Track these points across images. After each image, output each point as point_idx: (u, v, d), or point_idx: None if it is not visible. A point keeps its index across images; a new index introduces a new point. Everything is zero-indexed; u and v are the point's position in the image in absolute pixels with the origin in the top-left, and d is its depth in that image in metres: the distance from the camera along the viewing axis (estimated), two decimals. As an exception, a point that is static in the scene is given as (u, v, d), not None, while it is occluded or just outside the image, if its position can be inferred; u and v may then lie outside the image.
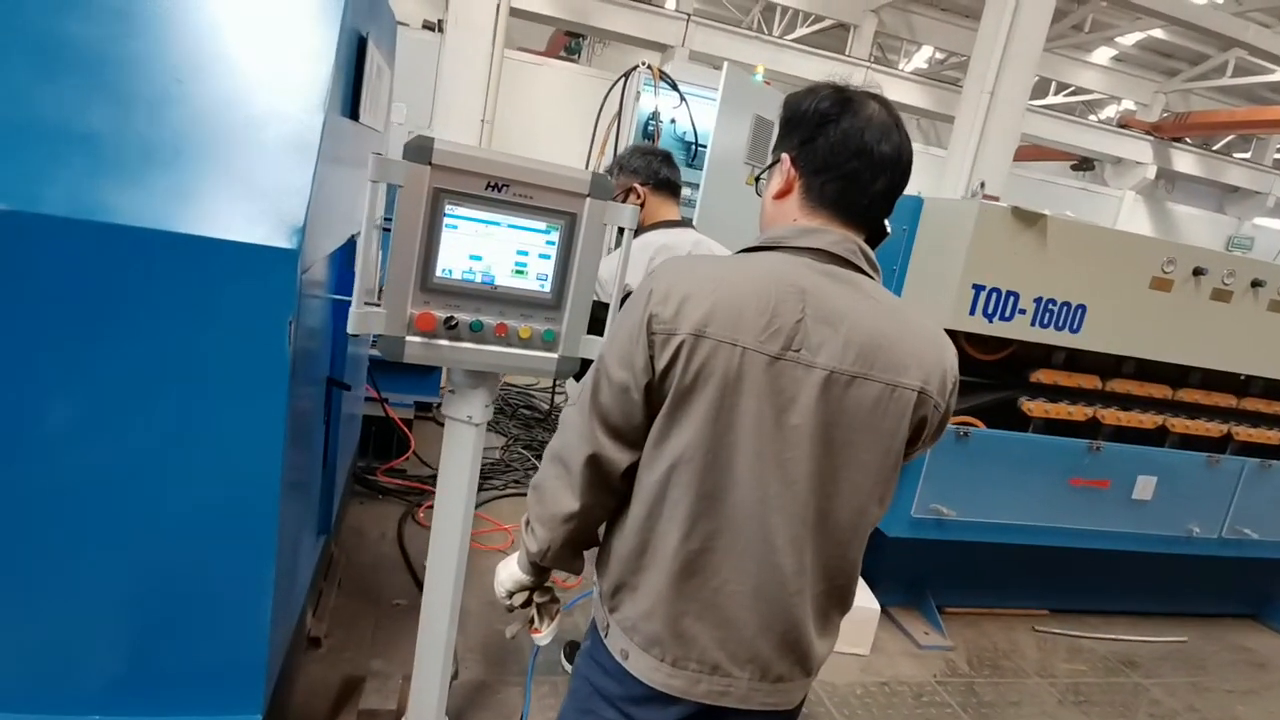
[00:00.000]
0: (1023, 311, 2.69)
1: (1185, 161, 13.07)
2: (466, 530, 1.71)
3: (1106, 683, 2.99)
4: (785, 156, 1.07)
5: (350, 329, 1.43)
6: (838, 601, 1.12)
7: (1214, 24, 8.84)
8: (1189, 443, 3.14)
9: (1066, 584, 3.42)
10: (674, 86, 4.31)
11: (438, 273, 1.47)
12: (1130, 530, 3.09)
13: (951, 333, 2.69)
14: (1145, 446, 3.04)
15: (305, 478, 1.95)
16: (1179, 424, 3.10)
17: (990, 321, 2.67)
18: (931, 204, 2.82)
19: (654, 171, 2.04)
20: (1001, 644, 3.14)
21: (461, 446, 1.65)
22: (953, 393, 1.10)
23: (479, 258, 1.50)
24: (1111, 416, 3.00)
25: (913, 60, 14.56)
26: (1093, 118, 14.46)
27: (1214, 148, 14.14)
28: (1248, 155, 14.63)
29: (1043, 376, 2.93)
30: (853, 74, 1.07)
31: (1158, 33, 11.57)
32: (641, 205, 2.03)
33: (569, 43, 12.37)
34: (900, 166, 1.04)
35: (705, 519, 1.02)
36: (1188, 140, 13.09)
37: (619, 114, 4.17)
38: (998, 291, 2.65)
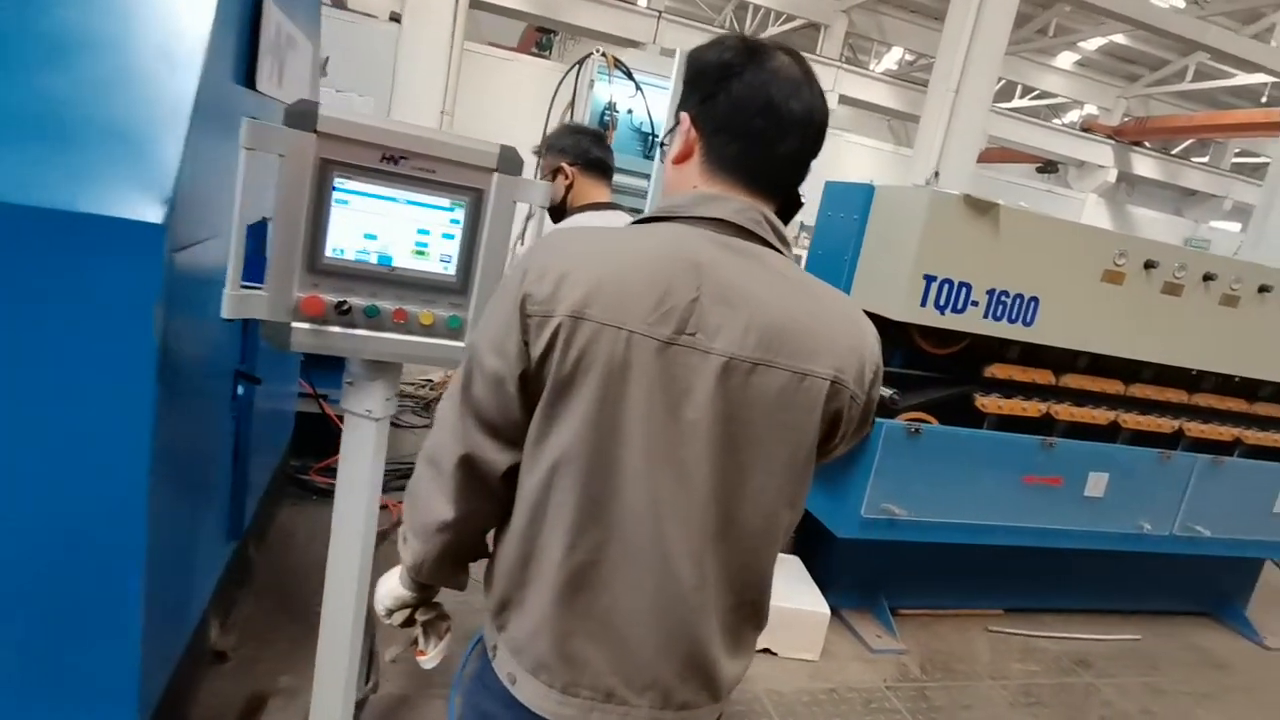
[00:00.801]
0: (975, 303, 2.62)
1: (1145, 165, 13.32)
2: (370, 533, 1.58)
3: (1059, 684, 2.94)
4: (684, 116, 0.95)
5: (224, 313, 1.29)
6: (750, 616, 1.01)
7: (1176, 26, 8.94)
8: (1141, 439, 3.10)
9: (1021, 583, 3.37)
10: (629, 75, 4.20)
11: (327, 253, 1.34)
12: (1083, 528, 3.05)
13: (903, 325, 2.63)
14: (1097, 443, 3.00)
15: (201, 477, 1.80)
16: (1131, 420, 3.07)
17: (942, 313, 2.60)
18: (883, 192, 2.74)
19: (583, 151, 1.92)
20: (955, 646, 3.07)
21: (361, 444, 1.52)
22: (874, 383, 0.99)
23: (374, 236, 1.36)
24: (1065, 412, 2.94)
25: (883, 61, 14.62)
26: (1056, 121, 14.66)
27: (1173, 152, 14.42)
28: (1205, 159, 14.95)
29: (997, 371, 2.86)
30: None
31: (1119, 38, 11.73)
32: (570, 186, 1.91)
33: (541, 39, 12.21)
34: (812, 127, 0.92)
35: (592, 527, 0.90)
36: (1147, 144, 13.34)
37: (571, 103, 4.05)
38: (950, 282, 2.57)
